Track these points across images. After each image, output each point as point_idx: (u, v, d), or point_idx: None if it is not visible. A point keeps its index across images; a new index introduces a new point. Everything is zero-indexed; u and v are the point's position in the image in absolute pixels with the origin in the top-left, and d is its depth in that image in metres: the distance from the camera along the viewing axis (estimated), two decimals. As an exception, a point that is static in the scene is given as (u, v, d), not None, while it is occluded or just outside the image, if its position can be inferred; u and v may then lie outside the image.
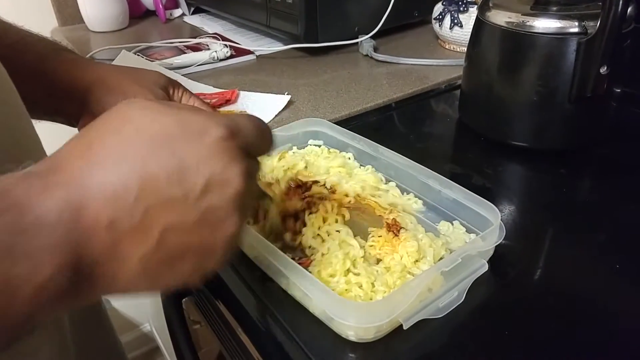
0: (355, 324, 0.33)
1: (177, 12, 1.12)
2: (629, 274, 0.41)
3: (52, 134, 0.52)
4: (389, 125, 0.68)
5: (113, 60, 0.81)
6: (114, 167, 0.24)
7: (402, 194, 0.48)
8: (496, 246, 0.40)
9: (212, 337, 0.51)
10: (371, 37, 0.87)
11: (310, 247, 0.41)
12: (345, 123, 0.65)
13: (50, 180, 0.23)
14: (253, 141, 0.29)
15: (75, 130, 0.52)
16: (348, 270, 0.37)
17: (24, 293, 0.21)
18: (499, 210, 0.40)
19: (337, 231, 0.41)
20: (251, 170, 0.28)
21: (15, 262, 0.21)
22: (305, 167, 0.51)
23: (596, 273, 0.42)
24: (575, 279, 0.41)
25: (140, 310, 1.45)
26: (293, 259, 0.38)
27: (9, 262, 0.20)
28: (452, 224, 0.44)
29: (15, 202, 0.22)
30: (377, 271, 0.38)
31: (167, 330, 0.58)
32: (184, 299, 0.53)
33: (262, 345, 0.38)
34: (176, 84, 0.51)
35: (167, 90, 0.49)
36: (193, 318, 0.56)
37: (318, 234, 0.42)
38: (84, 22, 1.04)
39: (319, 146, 0.55)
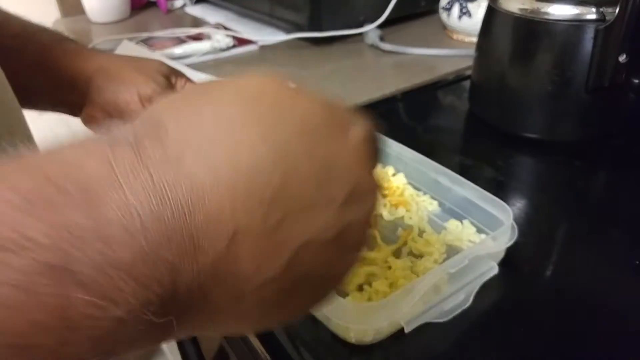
0: (352, 325, 0.31)
1: (178, 3, 1.10)
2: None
3: (44, 130, 0.51)
4: (395, 117, 0.65)
5: (114, 50, 0.79)
6: (245, 146, 0.16)
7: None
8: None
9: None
10: (377, 26, 0.84)
11: None
12: (350, 115, 0.63)
13: (145, 153, 0.15)
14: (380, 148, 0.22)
15: (75, 120, 0.51)
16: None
17: (91, 332, 0.14)
18: (511, 205, 0.38)
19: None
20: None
21: (80, 285, 0.13)
22: None
23: (614, 271, 0.39)
24: (592, 280, 0.39)
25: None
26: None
27: (70, 284, 0.13)
28: (462, 223, 0.42)
29: (87, 186, 0.14)
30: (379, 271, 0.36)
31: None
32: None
33: (263, 343, 0.37)
34: (179, 73, 0.50)
35: (169, 79, 0.48)
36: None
37: None
38: (86, 13, 1.03)
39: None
